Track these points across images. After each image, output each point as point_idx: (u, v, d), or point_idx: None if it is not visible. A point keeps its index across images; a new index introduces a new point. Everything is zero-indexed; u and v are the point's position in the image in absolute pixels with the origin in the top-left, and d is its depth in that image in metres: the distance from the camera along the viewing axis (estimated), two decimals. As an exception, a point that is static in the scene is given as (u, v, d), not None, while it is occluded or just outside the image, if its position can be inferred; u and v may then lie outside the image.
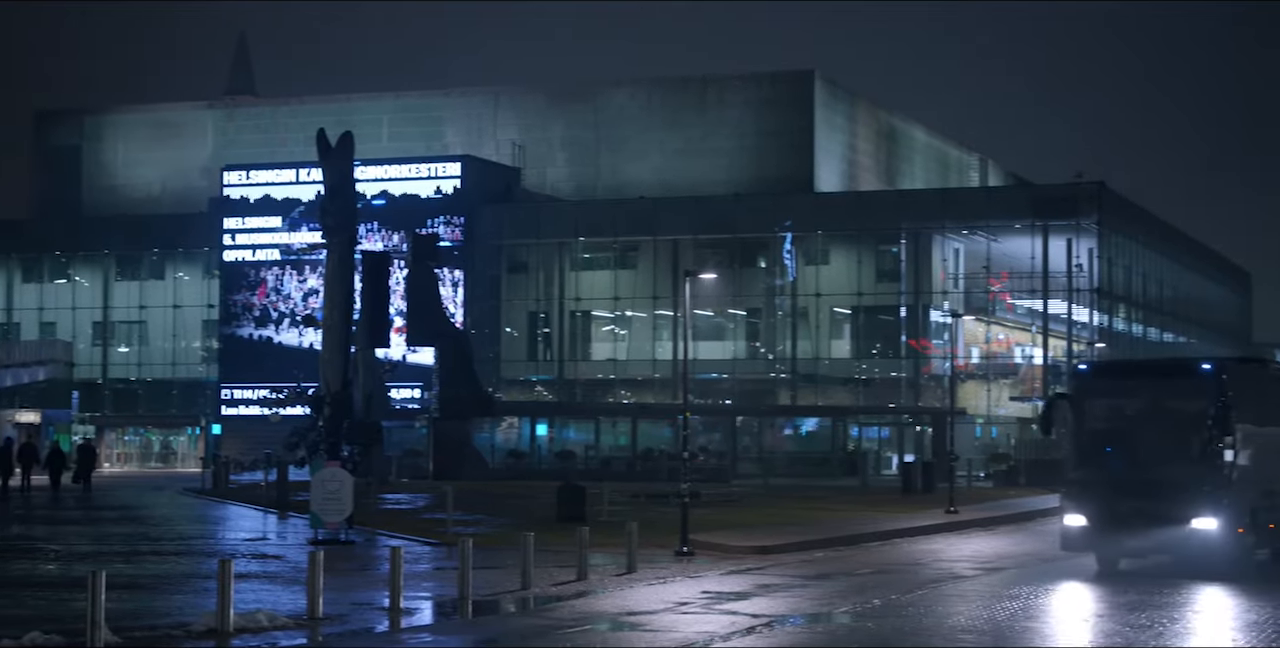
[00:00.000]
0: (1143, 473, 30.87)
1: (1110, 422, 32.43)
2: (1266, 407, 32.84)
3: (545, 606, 25.43)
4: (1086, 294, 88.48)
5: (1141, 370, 37.31)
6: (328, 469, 37.34)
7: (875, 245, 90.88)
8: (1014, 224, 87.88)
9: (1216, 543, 30.18)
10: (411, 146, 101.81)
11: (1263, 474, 32.15)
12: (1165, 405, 31.83)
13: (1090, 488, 31.42)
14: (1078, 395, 32.58)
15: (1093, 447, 31.96)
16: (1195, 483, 30.24)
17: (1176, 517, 30.26)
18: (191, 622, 21.89)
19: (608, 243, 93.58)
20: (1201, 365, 32.17)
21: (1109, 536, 31.05)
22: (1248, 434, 31.10)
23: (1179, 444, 30.93)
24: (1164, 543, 30.91)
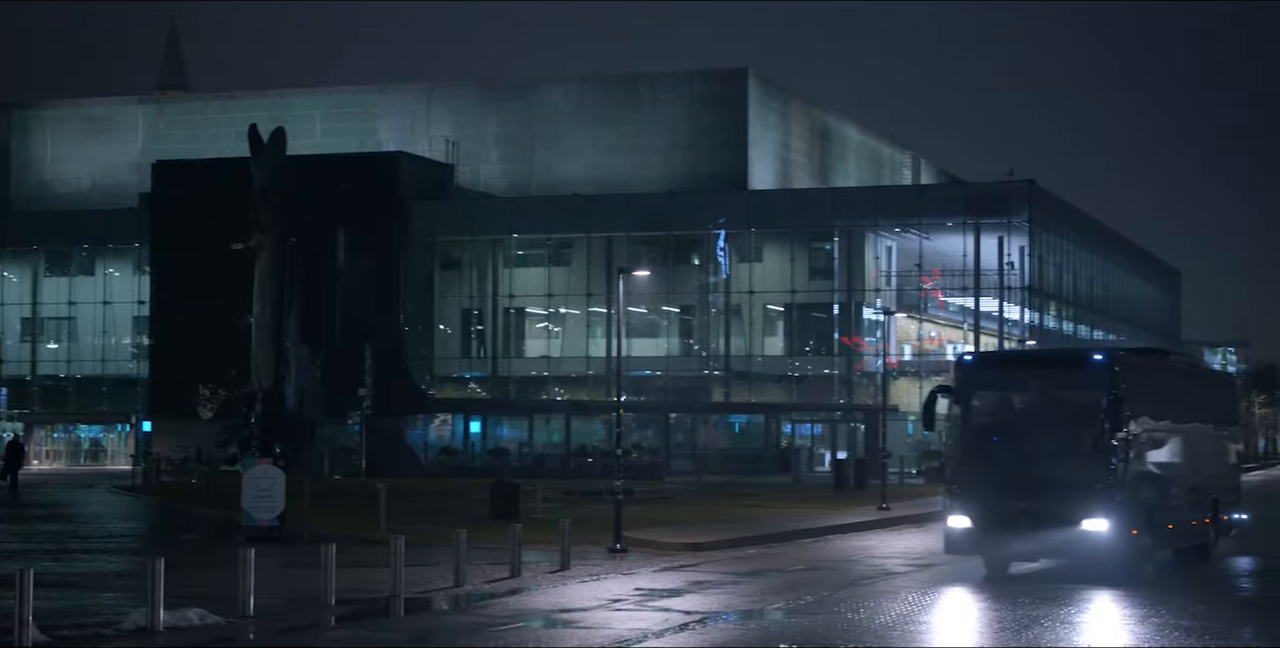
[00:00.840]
0: (1030, 471, 28.91)
1: (996, 416, 30.48)
2: (1165, 400, 31.69)
3: (478, 603, 25.37)
4: (1018, 292, 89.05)
5: (1029, 362, 35.62)
6: (260, 466, 37.15)
7: (808, 243, 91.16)
8: (946, 222, 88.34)
9: (1108, 545, 28.36)
10: (345, 142, 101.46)
11: (1161, 472, 31.03)
12: (1054, 399, 30.09)
13: (974, 487, 29.42)
14: (961, 388, 30.46)
15: (977, 443, 30.01)
16: (1085, 482, 28.45)
17: (1065, 518, 28.38)
18: (121, 620, 21.71)
19: (541, 240, 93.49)
20: (1093, 357, 30.84)
21: (995, 538, 29.12)
22: (1144, 429, 29.79)
23: (1068, 440, 29.26)
24: (1053, 546, 29.01)
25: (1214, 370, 46.40)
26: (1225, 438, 36.96)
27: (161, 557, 23.52)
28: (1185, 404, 33.17)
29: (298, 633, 21.90)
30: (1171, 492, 31.45)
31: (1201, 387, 36.40)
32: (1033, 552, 29.71)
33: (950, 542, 29.82)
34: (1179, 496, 31.87)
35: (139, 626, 21.23)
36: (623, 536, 35.13)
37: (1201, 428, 34.37)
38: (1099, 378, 28.98)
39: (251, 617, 22.66)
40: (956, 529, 29.49)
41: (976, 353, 34.55)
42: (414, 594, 25.95)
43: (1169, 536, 31.05)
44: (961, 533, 29.44)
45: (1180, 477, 32.11)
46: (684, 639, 21.22)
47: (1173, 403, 32.07)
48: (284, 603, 24.56)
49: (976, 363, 32.42)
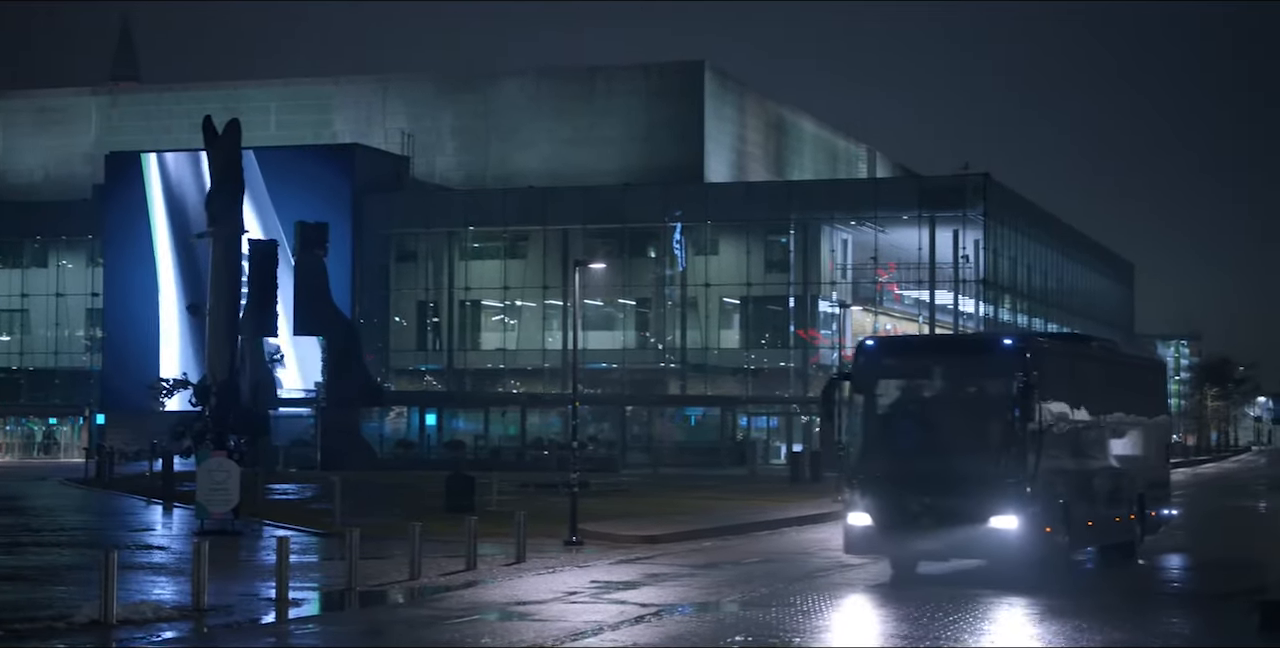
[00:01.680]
0: (934, 465, 27.04)
1: (899, 406, 28.38)
2: (1084, 389, 30.10)
3: (433, 596, 25.34)
4: (973, 285, 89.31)
5: (935, 347, 33.32)
6: (214, 459, 37.01)
7: (764, 236, 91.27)
8: (901, 215, 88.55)
9: (1018, 544, 26.47)
10: (300, 134, 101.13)
11: (1080, 465, 29.42)
12: (961, 387, 28.24)
13: (875, 482, 27.37)
14: (861, 376, 28.18)
15: (879, 435, 27.97)
16: (994, 476, 26.49)
17: (972, 515, 26.43)
18: (74, 614, 21.61)
19: (497, 232, 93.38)
20: (1002, 342, 29.00)
21: (896, 537, 27.12)
22: (1060, 420, 28.31)
23: (976, 432, 27.32)
24: (959, 545, 26.99)
25: (1142, 358, 42.99)
26: (1153, 429, 35.01)
27: (115, 550, 23.44)
28: (1108, 393, 31.54)
29: (252, 626, 21.83)
30: (1092, 486, 29.88)
31: (1127, 375, 34.31)
32: (937, 552, 27.67)
33: (850, 541, 27.91)
34: (1100, 490, 30.39)
35: (92, 619, 21.13)
36: (578, 528, 35.13)
37: (1126, 418, 32.76)
38: (1009, 365, 27.02)
39: (206, 610, 22.57)
40: (856, 527, 27.55)
41: (879, 338, 32.61)
42: (369, 587, 25.90)
43: (1089, 533, 29.61)
44: (861, 532, 27.49)
45: (1102, 470, 30.66)
46: (639, 632, 21.23)
47: (1093, 392, 30.54)
48: (238, 596, 24.49)
49: (879, 349, 29.74)
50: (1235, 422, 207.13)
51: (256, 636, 21.02)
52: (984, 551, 26.94)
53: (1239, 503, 59.57)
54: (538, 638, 20.40)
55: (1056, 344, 31.81)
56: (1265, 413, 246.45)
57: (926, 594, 25.50)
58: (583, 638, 20.50)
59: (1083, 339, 36.00)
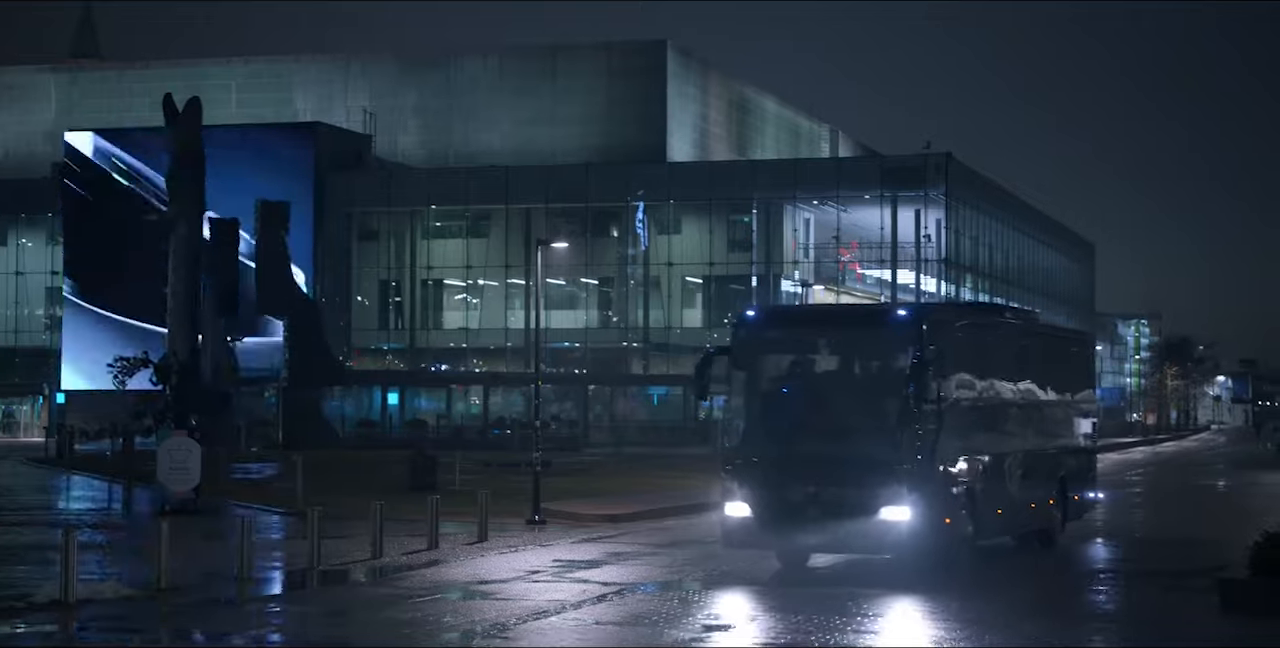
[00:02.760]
0: (820, 449, 24.39)
1: (782, 384, 25.73)
2: (994, 364, 27.63)
3: (396, 574, 25.34)
4: (934, 264, 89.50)
5: (823, 319, 29.77)
6: (175, 438, 36.94)
7: (727, 215, 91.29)
8: (863, 195, 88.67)
9: (911, 538, 23.82)
10: (261, 113, 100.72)
11: (988, 448, 26.85)
12: (851, 363, 25.83)
13: (755, 469, 24.74)
14: (741, 350, 25.56)
15: (760, 416, 25.45)
16: (885, 462, 23.85)
17: (861, 506, 23.80)
18: (34, 593, 21.55)
19: (460, 211, 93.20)
20: (895, 312, 26.84)
21: (778, 530, 24.48)
22: (965, 398, 25.83)
23: (867, 412, 24.58)
24: (846, 540, 24.21)
25: (1065, 329, 41.84)
26: (1077, 406, 32.65)
27: (75, 529, 23.39)
28: (1023, 368, 29.07)
29: (214, 606, 21.80)
30: (1003, 470, 27.39)
31: (1046, 348, 31.47)
32: (822, 546, 25.03)
33: (726, 534, 25.24)
34: (1013, 474, 27.88)
35: (53, 598, 21.09)
36: (541, 507, 35.16)
37: (1044, 395, 30.28)
38: (903, 337, 24.37)
39: (167, 589, 22.53)
40: (733, 519, 24.87)
41: (761, 307, 28.22)
42: (331, 567, 25.89)
43: (999, 521, 27.16)
44: (739, 524, 24.78)
45: (1015, 452, 28.08)
46: (602, 611, 21.28)
47: (1004, 366, 28.09)
48: (200, 576, 24.44)
49: (761, 320, 27.13)
50: (1195, 400, 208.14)
51: (218, 615, 20.99)
52: (875, 545, 24.14)
53: (1198, 482, 59.91)
54: (500, 617, 20.42)
55: (959, 314, 29.28)
56: (1225, 392, 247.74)
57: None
58: (545, 617, 20.54)
59: (993, 309, 34.23)
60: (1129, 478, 62.98)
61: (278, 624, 20.43)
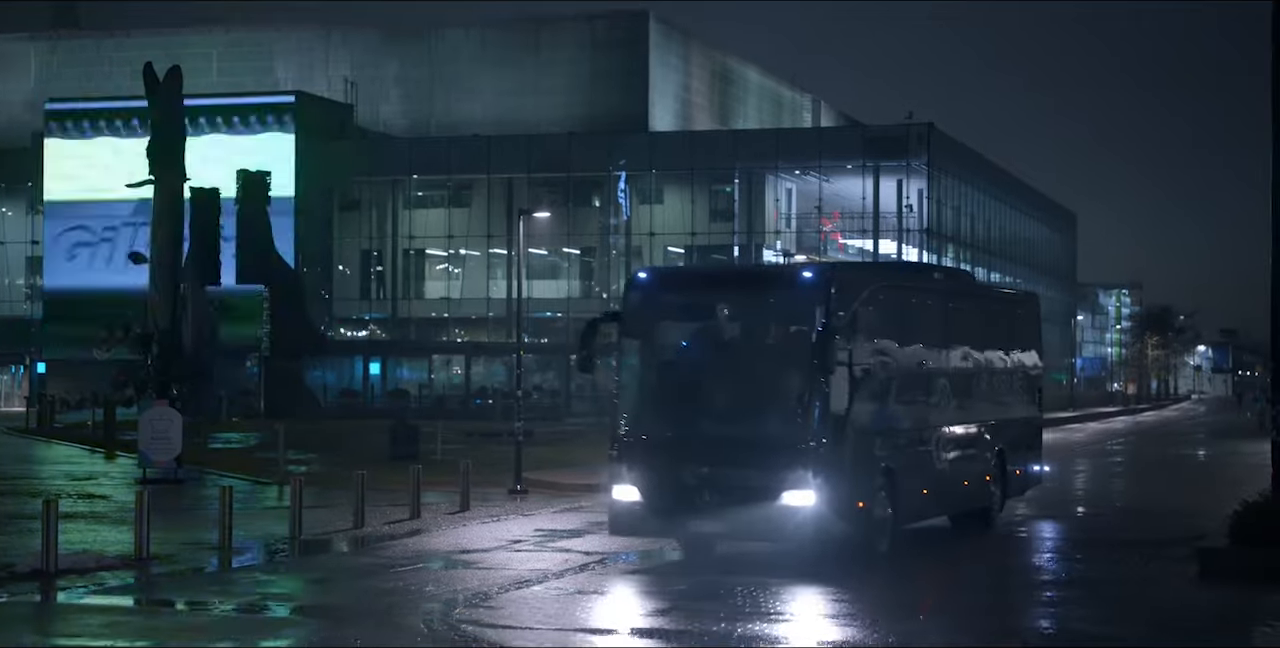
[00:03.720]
0: (717, 427, 22.31)
1: (674, 352, 23.63)
2: (918, 330, 25.40)
3: (378, 544, 25.38)
4: (916, 234, 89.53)
5: (721, 281, 25.97)
6: (156, 408, 36.92)
7: (709, 185, 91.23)
8: (846, 165, 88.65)
9: (815, 526, 21.55)
10: (242, 82, 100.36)
11: (911, 422, 24.78)
12: (752, 330, 23.27)
13: (645, 448, 22.49)
14: (632, 316, 23.22)
15: (652, 389, 23.27)
16: (787, 441, 21.65)
17: (760, 490, 21.58)
18: (16, 563, 21.55)
19: (441, 181, 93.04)
20: (800, 273, 23.46)
21: (669, 516, 22.20)
22: (881, 367, 23.56)
23: (769, 385, 22.41)
24: (745, 527, 21.95)
25: (1005, 291, 38.87)
26: (1019, 374, 30.08)
27: (56, 498, 23.38)
28: (952, 333, 26.75)
29: (195, 576, 21.82)
30: (928, 446, 25.23)
31: (981, 311, 29.08)
32: (718, 535, 22.64)
33: (614, 519, 22.90)
34: (941, 450, 25.70)
35: (34, 568, 21.09)
36: (523, 477, 35.21)
37: (979, 362, 27.94)
38: (808, 300, 22.04)
39: (149, 559, 22.55)
40: (621, 504, 22.54)
41: (655, 269, 28.24)
42: (313, 536, 25.92)
43: (926, 502, 25.17)
44: (627, 509, 22.50)
45: (942, 426, 25.87)
46: (584, 580, 21.32)
47: (930, 332, 25.83)
48: (181, 545, 24.46)
49: (653, 282, 24.15)
50: (1175, 370, 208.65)
51: (200, 584, 21.01)
52: (776, 533, 21.82)
53: (1179, 451, 60.10)
54: (482, 586, 20.47)
55: (873, 275, 26.59)
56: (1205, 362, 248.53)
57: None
58: (527, 586, 20.58)
59: (916, 269, 31.79)
60: (1109, 448, 63.18)
61: (259, 593, 20.45)
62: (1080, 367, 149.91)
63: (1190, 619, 18.68)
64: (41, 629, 17.01)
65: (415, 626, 17.33)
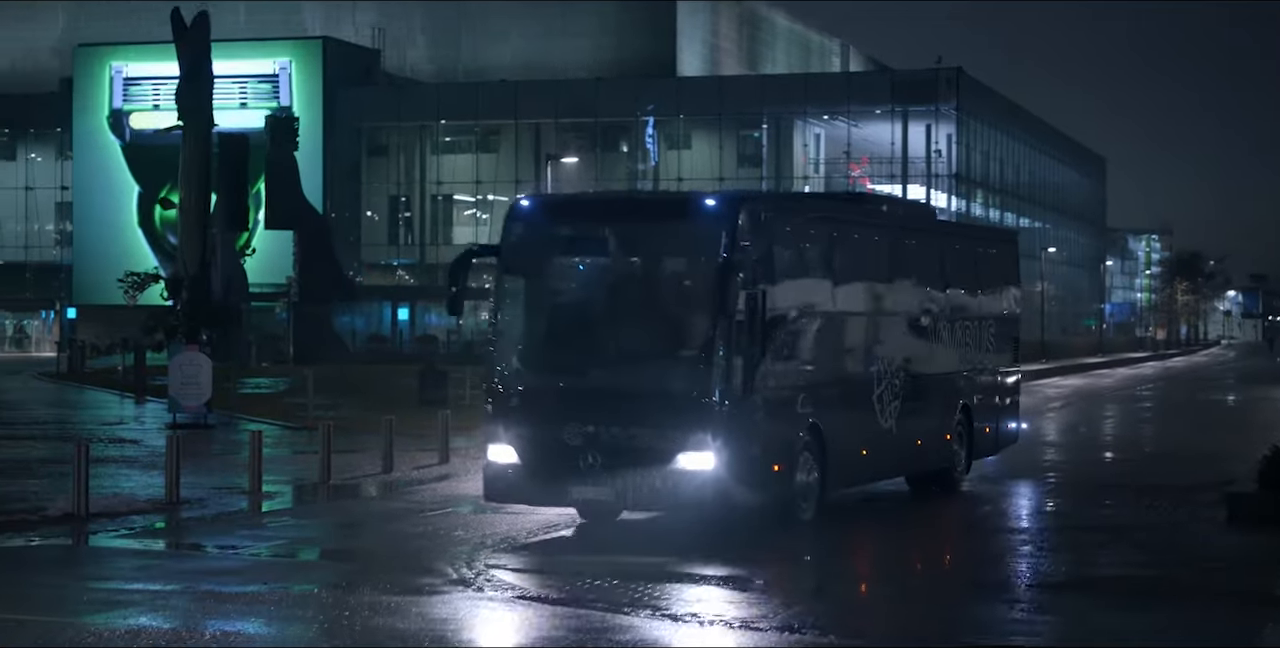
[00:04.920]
0: (603, 377, 19.41)
1: (559, 293, 20.62)
2: (856, 268, 22.39)
3: (407, 489, 25.46)
4: (945, 179, 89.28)
5: (612, 210, 21.58)
6: (186, 353, 37.00)
7: (737, 130, 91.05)
8: (874, 109, 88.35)
9: (717, 492, 18.72)
10: (269, 27, 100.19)
11: (843, 372, 21.92)
12: (647, 267, 20.17)
13: (523, 403, 19.68)
14: (511, 250, 20.35)
15: (530, 334, 20.42)
16: (683, 393, 18.78)
17: (652, 450, 18.81)
18: (47, 507, 21.69)
19: (469, 126, 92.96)
20: (703, 203, 19.96)
21: (550, 481, 19.38)
22: (809, 310, 20.88)
23: (663, 330, 19.49)
24: (633, 493, 19.11)
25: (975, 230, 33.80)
26: (988, 321, 26.61)
27: (87, 443, 23.50)
28: (905, 275, 23.85)
29: (225, 519, 21.93)
30: (869, 402, 22.33)
31: (944, 251, 25.59)
32: (605, 503, 19.76)
33: (489, 484, 20.11)
34: (884, 406, 22.67)
35: (65, 512, 21.22)
36: (551, 422, 35.18)
37: (937, 309, 24.71)
38: (711, 233, 19.07)
39: (179, 503, 22.67)
40: (496, 465, 19.77)
41: (538, 196, 24.75)
42: (343, 481, 26.02)
43: (864, 464, 22.33)
44: (502, 472, 19.73)
45: (888, 380, 22.81)
46: (614, 524, 21.36)
47: (875, 272, 22.91)
48: (211, 490, 24.58)
49: (536, 211, 21.03)
50: (1205, 315, 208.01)
51: (230, 528, 21.12)
52: (670, 500, 19.15)
53: (1208, 396, 59.99)
54: (510, 530, 20.53)
55: (798, 206, 24.03)
56: (1235, 307, 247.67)
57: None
58: (556, 530, 20.64)
59: (861, 200, 28.21)
60: (1138, 393, 63.10)
61: (289, 537, 20.56)
62: (1109, 312, 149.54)
63: (1219, 562, 18.68)
64: (74, 572, 17.13)
65: (444, 570, 17.41)
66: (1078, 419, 45.27)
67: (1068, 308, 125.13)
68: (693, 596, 16.14)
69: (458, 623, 14.77)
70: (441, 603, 15.57)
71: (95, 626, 14.11)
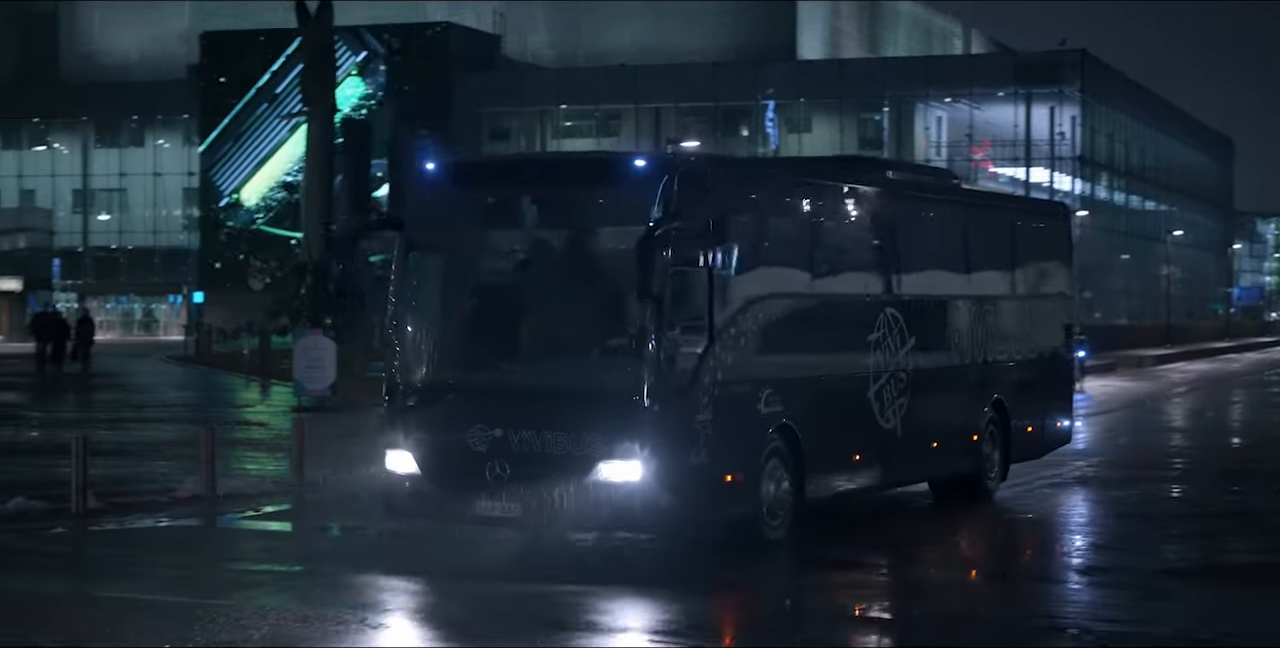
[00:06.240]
0: (515, 372, 16.49)
1: (468, 273, 17.63)
2: (855, 245, 19.55)
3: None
4: (1069, 162, 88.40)
5: (530, 175, 17.75)
6: (310, 337, 37.35)
7: (858, 114, 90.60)
8: (997, 92, 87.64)
9: (647, 508, 15.54)
10: (391, 14, 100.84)
11: (831, 365, 18.58)
12: (567, 241, 17.01)
13: (424, 402, 16.67)
14: (414, 222, 17.10)
15: (434, 321, 17.24)
16: (607, 390, 15.61)
17: (570, 459, 15.66)
18: (176, 488, 21.98)
19: (589, 111, 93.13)
20: (632, 165, 16.31)
21: (454, 495, 16.23)
22: (783, 292, 17.64)
23: (588, 317, 16.33)
24: (547, 511, 15.73)
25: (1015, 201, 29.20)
26: (1029, 306, 23.30)
27: (215, 425, 23.81)
28: (915, 251, 20.54)
29: (351, 502, 22.10)
30: (863, 399, 19.01)
31: (971, 225, 22.07)
32: (511, 520, 16.12)
33: (388, 497, 17.08)
34: (885, 404, 19.38)
35: (194, 493, 21.50)
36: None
37: (958, 291, 21.49)
38: (640, 201, 15.75)
39: (305, 485, 22.91)
40: (396, 476, 16.70)
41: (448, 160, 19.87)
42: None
43: (856, 471, 19.03)
44: (401, 483, 16.68)
45: (889, 372, 19.48)
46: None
47: (873, 250, 19.79)
48: (334, 472, 24.79)
49: (442, 176, 17.60)
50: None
51: (358, 509, 21.29)
52: (591, 517, 15.85)
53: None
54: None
55: (755, 171, 20.90)
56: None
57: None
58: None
59: (853, 164, 23.25)
60: (1267, 378, 62.19)
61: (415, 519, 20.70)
62: (1237, 296, 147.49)
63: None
64: (202, 553, 17.38)
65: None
66: (1203, 404, 44.70)
67: (1194, 292, 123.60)
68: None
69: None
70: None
71: (223, 606, 14.31)
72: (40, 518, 19.62)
